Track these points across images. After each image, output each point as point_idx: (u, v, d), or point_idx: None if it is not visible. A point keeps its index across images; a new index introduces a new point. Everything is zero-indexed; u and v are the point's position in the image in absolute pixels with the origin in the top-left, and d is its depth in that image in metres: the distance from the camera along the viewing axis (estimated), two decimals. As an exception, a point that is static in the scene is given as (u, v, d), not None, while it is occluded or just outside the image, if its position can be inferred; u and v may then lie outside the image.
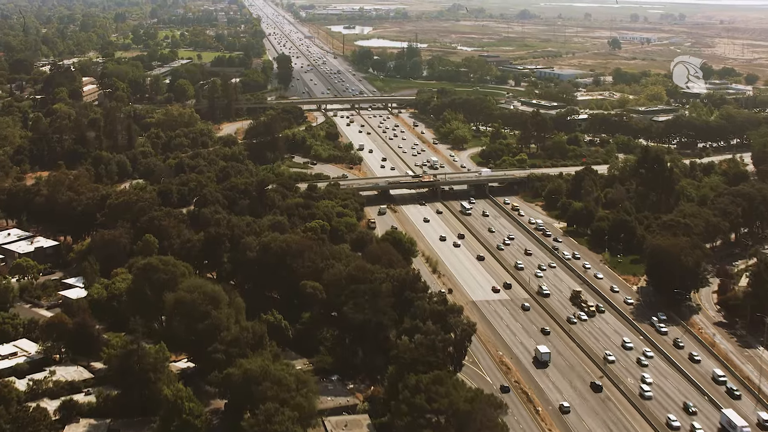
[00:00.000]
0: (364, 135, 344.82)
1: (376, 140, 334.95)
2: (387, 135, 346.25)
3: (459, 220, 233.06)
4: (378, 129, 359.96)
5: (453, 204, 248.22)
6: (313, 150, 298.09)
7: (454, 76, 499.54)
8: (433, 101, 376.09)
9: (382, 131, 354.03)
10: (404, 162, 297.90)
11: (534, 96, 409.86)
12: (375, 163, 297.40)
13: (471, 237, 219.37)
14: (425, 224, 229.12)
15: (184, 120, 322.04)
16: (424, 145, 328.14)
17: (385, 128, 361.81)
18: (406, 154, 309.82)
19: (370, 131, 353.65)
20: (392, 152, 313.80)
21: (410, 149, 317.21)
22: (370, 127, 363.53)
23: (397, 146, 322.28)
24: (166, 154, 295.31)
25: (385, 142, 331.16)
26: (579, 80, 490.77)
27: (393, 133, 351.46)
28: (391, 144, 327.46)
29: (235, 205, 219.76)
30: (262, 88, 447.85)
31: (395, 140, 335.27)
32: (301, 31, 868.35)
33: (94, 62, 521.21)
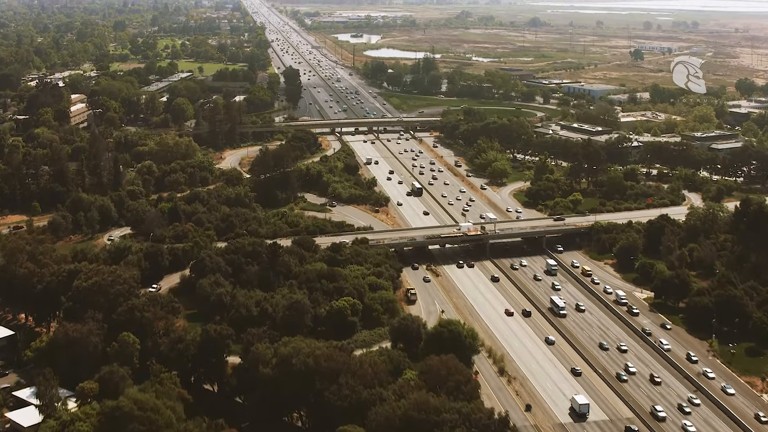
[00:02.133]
0: (386, 165, 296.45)
1: (402, 173, 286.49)
2: (413, 165, 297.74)
3: (518, 287, 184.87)
4: (401, 157, 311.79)
5: (504, 261, 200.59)
6: (332, 188, 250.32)
7: (476, 92, 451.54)
8: (462, 125, 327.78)
9: (408, 161, 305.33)
10: (435, 200, 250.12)
11: (571, 118, 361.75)
12: (404, 202, 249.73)
13: (537, 312, 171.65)
14: (477, 293, 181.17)
15: (180, 150, 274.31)
16: (456, 178, 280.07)
17: (409, 155, 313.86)
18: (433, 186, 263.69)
19: (393, 160, 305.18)
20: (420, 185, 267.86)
21: (442, 183, 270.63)
22: (392, 154, 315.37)
23: (428, 182, 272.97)
24: (159, 193, 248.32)
25: (413, 175, 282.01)
26: (612, 96, 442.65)
27: (419, 162, 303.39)
28: (420, 178, 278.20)
29: (241, 272, 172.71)
30: (268, 107, 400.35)
31: (424, 174, 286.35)
32: (307, 41, 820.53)
33: (87, 77, 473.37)
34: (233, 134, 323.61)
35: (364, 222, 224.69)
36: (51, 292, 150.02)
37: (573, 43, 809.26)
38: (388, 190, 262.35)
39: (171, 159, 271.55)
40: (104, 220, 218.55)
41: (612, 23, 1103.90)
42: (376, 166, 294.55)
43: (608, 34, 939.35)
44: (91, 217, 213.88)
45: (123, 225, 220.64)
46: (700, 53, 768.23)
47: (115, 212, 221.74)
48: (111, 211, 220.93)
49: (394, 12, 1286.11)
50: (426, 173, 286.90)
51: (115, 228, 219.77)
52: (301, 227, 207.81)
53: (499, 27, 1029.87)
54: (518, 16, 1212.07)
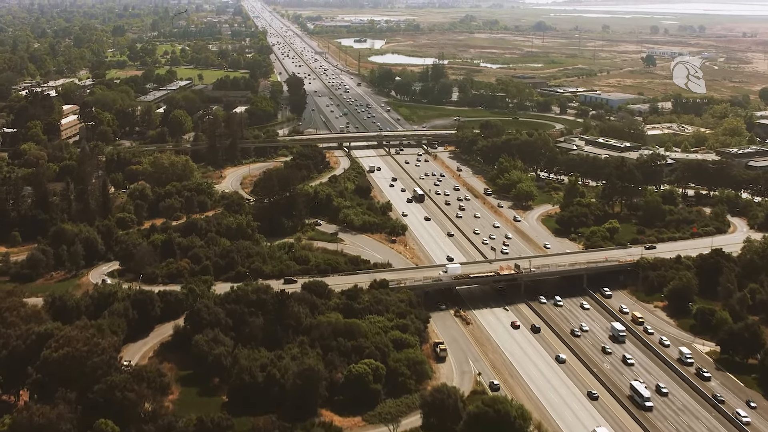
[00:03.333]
0: (400, 185, 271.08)
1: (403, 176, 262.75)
2: (428, 184, 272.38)
3: (561, 339, 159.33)
4: (414, 174, 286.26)
5: (543, 304, 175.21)
6: (343, 213, 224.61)
7: (489, 101, 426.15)
8: (479, 141, 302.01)
9: (422, 179, 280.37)
10: (459, 229, 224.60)
11: (594, 131, 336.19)
12: (422, 230, 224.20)
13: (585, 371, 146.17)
14: (515, 346, 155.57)
15: (176, 171, 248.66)
16: (477, 201, 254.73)
17: (424, 172, 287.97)
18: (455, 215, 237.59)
19: (407, 180, 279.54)
20: (440, 211, 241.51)
21: (467, 210, 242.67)
22: (405, 173, 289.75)
23: (444, 202, 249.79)
24: (153, 220, 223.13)
25: (428, 196, 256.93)
26: (631, 106, 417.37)
27: (434, 180, 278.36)
28: (436, 199, 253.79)
29: (244, 324, 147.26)
30: (271, 119, 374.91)
31: (441, 194, 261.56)
32: (310, 46, 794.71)
33: (80, 86, 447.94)
34: (234, 150, 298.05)
35: (380, 255, 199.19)
36: (17, 359, 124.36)
37: (581, 48, 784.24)
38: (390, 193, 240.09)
39: (166, 180, 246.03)
40: (90, 254, 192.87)
41: (618, 27, 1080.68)
42: (390, 188, 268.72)
43: (615, 39, 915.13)
44: (74, 252, 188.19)
45: (111, 259, 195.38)
46: (711, 58, 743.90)
47: (102, 245, 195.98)
48: (97, 244, 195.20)
49: (397, 16, 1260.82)
50: (435, 189, 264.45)
51: (102, 263, 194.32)
52: (311, 265, 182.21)
53: (504, 31, 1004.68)
54: (522, 20, 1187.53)
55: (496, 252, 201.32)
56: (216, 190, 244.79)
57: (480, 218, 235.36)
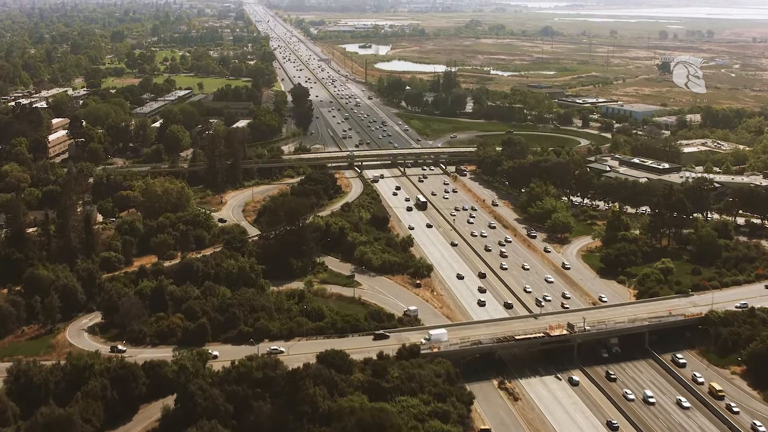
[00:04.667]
0: (421, 215, 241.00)
1: (442, 224, 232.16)
2: (450, 210, 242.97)
3: (624, 415, 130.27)
4: (434, 199, 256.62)
5: (598, 370, 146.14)
6: (359, 251, 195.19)
7: (506, 113, 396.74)
8: (504, 161, 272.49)
9: (453, 215, 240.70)
10: (490, 267, 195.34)
11: (625, 148, 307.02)
12: (449, 270, 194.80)
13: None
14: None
15: (171, 200, 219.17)
16: (507, 232, 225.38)
17: (454, 207, 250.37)
18: (492, 256, 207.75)
19: (428, 206, 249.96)
20: (468, 247, 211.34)
21: (503, 254, 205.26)
22: (423, 196, 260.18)
23: (485, 248, 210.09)
24: (142, 258, 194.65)
25: (454, 227, 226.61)
26: (657, 119, 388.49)
27: (455, 206, 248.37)
28: (461, 230, 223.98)
29: (248, 411, 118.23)
30: (275, 133, 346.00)
31: (467, 224, 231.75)
32: (314, 52, 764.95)
33: (73, 97, 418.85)
34: (236, 171, 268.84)
35: (404, 303, 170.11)
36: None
37: (592, 54, 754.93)
38: (428, 251, 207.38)
39: (159, 210, 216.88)
40: (68, 304, 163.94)
41: (625, 32, 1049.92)
42: (408, 215, 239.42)
43: (624, 44, 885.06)
44: (49, 304, 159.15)
45: (93, 309, 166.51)
46: (726, 65, 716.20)
47: (82, 294, 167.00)
48: (77, 293, 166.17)
49: (400, 20, 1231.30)
50: (470, 228, 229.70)
51: (82, 314, 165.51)
52: (325, 322, 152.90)
53: (510, 36, 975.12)
54: (527, 25, 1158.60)
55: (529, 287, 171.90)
56: (215, 222, 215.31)
57: (513, 254, 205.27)
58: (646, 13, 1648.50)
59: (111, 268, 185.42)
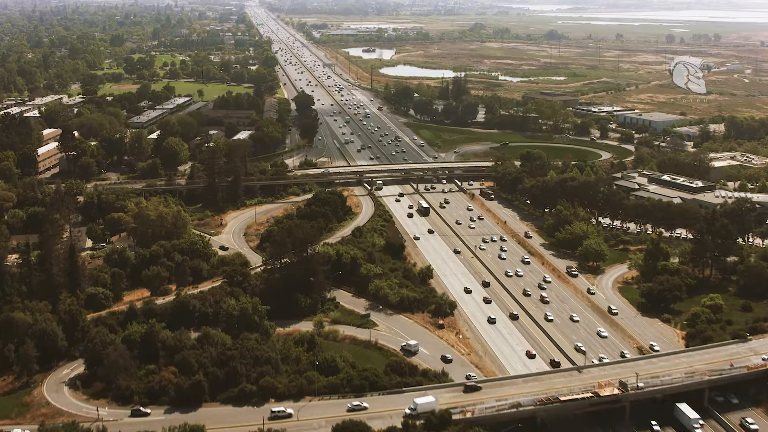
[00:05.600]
0: (439, 241, 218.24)
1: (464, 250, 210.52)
2: (477, 241, 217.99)
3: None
4: (459, 228, 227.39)
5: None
6: (374, 285, 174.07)
7: (520, 123, 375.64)
8: (525, 179, 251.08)
9: (482, 248, 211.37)
10: (522, 307, 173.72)
11: (652, 163, 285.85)
12: (473, 306, 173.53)
13: None
14: None
15: (165, 225, 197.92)
16: (534, 260, 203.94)
17: (469, 224, 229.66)
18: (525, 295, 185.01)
19: (444, 229, 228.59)
20: (502, 288, 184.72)
21: (544, 300, 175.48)
22: (438, 216, 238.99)
23: (523, 292, 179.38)
24: (133, 293, 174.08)
25: (483, 263, 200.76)
26: (677, 129, 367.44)
27: (483, 237, 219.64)
28: (492, 266, 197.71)
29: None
30: (279, 145, 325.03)
31: (499, 259, 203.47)
32: (318, 56, 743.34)
33: (67, 105, 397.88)
34: (237, 189, 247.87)
35: (427, 349, 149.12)
36: None
37: (600, 59, 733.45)
38: (449, 284, 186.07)
39: (153, 237, 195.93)
40: (48, 352, 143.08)
41: (630, 36, 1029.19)
42: (425, 240, 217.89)
43: (632, 48, 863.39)
44: (25, 354, 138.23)
45: (76, 356, 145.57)
46: (738, 70, 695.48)
47: (63, 340, 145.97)
48: (57, 339, 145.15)
49: (403, 23, 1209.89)
50: (501, 263, 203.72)
51: (63, 363, 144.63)
52: (340, 378, 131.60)
53: (516, 40, 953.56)
54: (531, 28, 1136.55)
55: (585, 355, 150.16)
56: (214, 250, 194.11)
57: (556, 299, 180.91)
58: (649, 16, 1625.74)
59: (98, 306, 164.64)
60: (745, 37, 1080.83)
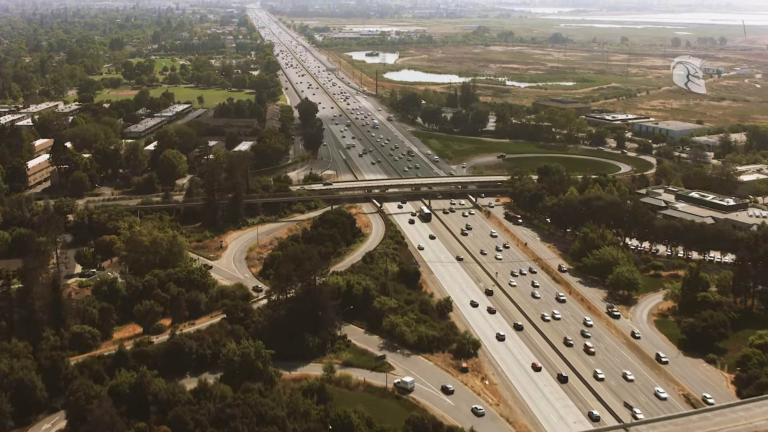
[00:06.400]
0: (458, 268, 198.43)
1: (481, 276, 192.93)
2: (505, 274, 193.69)
3: None
4: (484, 258, 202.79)
5: None
6: (388, 321, 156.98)
7: (532, 132, 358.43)
8: (545, 196, 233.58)
9: (512, 284, 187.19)
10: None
11: (677, 177, 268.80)
12: (499, 346, 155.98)
13: None
14: None
15: (160, 250, 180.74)
16: (559, 288, 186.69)
17: (511, 271, 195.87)
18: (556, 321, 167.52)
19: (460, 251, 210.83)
20: (537, 333, 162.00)
21: (589, 351, 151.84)
22: (454, 238, 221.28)
23: (565, 341, 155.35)
24: (124, 329, 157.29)
25: (513, 301, 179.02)
26: (696, 139, 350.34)
27: (511, 270, 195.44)
28: (525, 306, 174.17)
29: None
30: (281, 156, 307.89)
31: (532, 298, 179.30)
32: (320, 60, 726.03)
33: (62, 113, 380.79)
34: (238, 207, 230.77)
35: (450, 399, 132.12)
36: None
37: (607, 63, 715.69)
38: (470, 318, 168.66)
39: (147, 265, 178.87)
40: (25, 405, 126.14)
41: (635, 39, 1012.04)
42: (442, 266, 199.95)
43: (638, 52, 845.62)
44: None
45: (57, 408, 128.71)
46: (748, 75, 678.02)
47: (43, 390, 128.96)
48: (36, 390, 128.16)
49: (406, 26, 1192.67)
50: (520, 286, 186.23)
51: (43, 417, 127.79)
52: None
53: (520, 44, 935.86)
54: (534, 31, 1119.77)
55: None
56: (212, 280, 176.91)
57: (602, 349, 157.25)
58: (651, 18, 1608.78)
59: (84, 346, 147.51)
60: (751, 40, 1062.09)
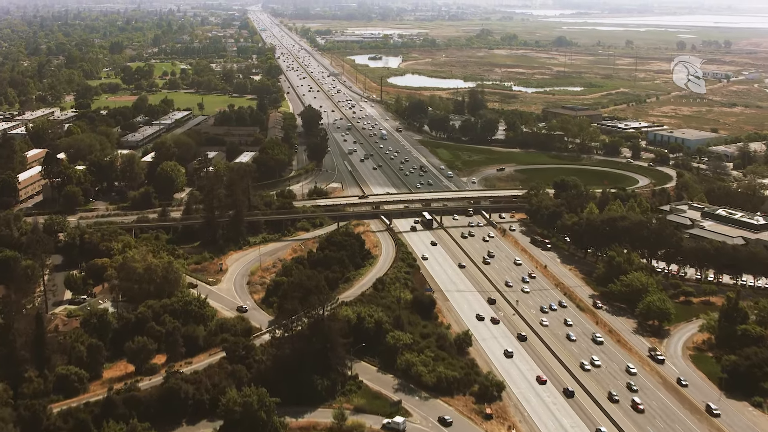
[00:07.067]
0: (477, 297, 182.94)
1: (501, 305, 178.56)
2: (534, 309, 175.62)
3: None
4: (509, 291, 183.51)
5: None
6: (403, 361, 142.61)
7: (544, 141, 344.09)
8: (565, 215, 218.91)
9: (544, 323, 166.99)
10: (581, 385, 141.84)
11: (698, 191, 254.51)
12: (525, 386, 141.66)
13: None
14: None
15: (154, 278, 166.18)
16: (585, 317, 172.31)
17: (522, 287, 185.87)
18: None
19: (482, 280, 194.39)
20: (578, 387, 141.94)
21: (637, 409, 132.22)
22: (482, 274, 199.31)
23: (610, 398, 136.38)
24: (114, 367, 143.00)
25: (542, 339, 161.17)
26: (713, 148, 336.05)
27: (540, 305, 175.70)
28: (562, 353, 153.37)
29: None
30: (284, 168, 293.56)
31: (568, 341, 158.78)
32: (323, 64, 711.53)
33: (57, 121, 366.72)
34: (239, 226, 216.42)
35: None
36: None
37: (615, 67, 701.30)
38: (493, 356, 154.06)
39: (140, 294, 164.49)
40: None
41: (639, 42, 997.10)
42: (458, 293, 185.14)
43: (644, 56, 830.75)
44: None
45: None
46: (757, 79, 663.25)
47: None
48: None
49: (408, 29, 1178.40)
50: (552, 325, 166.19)
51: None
52: None
53: (524, 47, 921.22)
54: (537, 34, 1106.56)
55: None
56: (211, 309, 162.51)
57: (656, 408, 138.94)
58: (653, 21, 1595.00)
59: (70, 390, 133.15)
60: (756, 43, 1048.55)
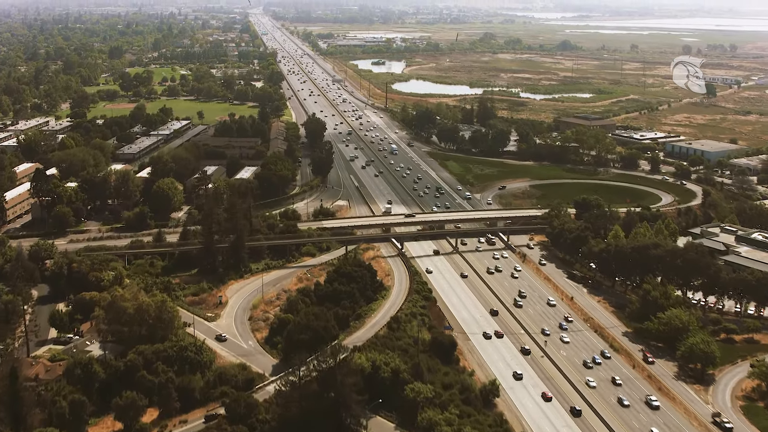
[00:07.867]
0: (506, 342, 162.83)
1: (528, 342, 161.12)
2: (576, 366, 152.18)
3: None
4: (530, 321, 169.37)
5: None
6: (425, 418, 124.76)
7: (558, 153, 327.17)
8: (591, 241, 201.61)
9: (592, 384, 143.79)
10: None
11: (729, 211, 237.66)
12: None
13: None
14: None
15: (147, 319, 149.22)
16: (660, 395, 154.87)
17: (561, 336, 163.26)
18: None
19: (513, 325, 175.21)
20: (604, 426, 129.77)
21: None
22: (513, 318, 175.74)
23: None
24: (101, 420, 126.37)
25: (573, 385, 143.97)
26: (735, 161, 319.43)
27: (582, 358, 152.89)
28: (602, 408, 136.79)
29: None
30: (287, 184, 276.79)
31: (620, 406, 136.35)
32: (325, 69, 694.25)
33: (50, 132, 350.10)
34: (239, 252, 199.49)
35: None
36: None
37: (622, 73, 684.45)
38: (524, 409, 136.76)
39: (131, 336, 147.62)
40: None
41: (643, 46, 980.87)
42: (484, 338, 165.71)
43: (649, 60, 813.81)
44: None
45: None
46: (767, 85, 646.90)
47: None
48: None
49: (410, 32, 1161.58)
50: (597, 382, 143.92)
51: None
52: None
53: (529, 51, 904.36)
54: (540, 37, 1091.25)
55: None
56: (209, 355, 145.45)
57: None
58: (655, 24, 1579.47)
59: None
60: (762, 47, 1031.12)
